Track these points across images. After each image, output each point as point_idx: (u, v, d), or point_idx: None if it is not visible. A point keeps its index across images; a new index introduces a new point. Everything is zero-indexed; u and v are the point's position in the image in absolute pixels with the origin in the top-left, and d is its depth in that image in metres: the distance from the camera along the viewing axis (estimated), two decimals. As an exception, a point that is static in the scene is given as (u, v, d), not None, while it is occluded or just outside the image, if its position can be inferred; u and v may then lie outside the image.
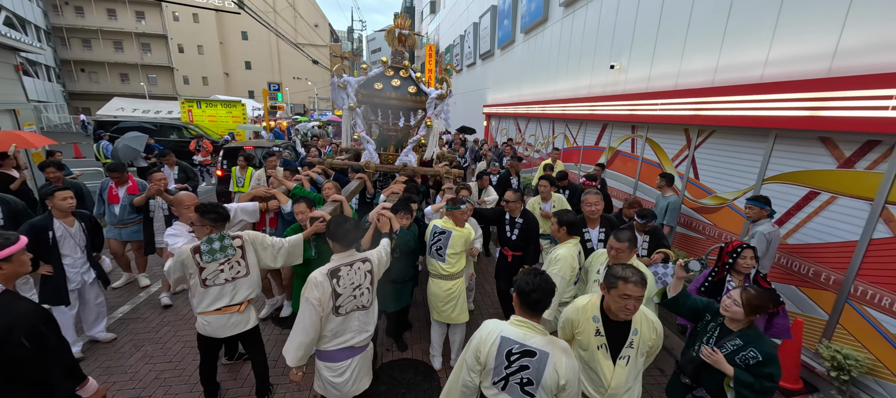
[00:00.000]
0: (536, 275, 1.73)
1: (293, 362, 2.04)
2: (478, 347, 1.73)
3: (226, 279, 2.47)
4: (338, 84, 4.67)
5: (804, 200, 3.47)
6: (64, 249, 3.04)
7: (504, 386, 1.69)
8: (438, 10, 30.36)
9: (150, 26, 33.54)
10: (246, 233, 2.60)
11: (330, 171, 4.75)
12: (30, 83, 24.94)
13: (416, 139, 4.87)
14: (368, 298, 2.22)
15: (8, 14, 23.84)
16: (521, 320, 1.73)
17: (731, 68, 4.26)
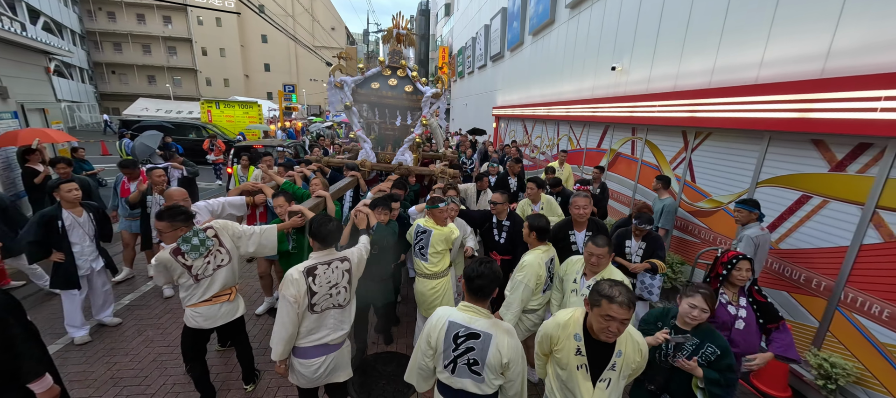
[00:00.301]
0: (482, 264, 1.81)
1: (277, 356, 2.10)
2: (429, 332, 1.81)
3: (214, 268, 2.56)
4: (335, 83, 4.79)
5: (796, 204, 3.39)
6: (73, 238, 3.26)
7: (453, 368, 1.78)
8: (453, 12, 30.50)
9: (176, 30, 35.00)
10: (215, 222, 2.66)
11: (326, 168, 4.86)
12: (65, 84, 26.43)
13: (411, 138, 4.94)
14: (345, 297, 2.23)
15: (46, 19, 25.37)
16: (468, 305, 1.81)
17: (727, 69, 4.20)
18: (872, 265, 2.82)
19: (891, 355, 2.69)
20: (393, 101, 4.94)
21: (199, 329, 2.60)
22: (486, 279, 1.77)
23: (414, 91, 4.94)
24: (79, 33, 30.69)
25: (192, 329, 2.60)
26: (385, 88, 4.92)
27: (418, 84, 4.96)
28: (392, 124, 5.13)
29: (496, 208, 3.54)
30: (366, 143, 4.95)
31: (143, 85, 34.86)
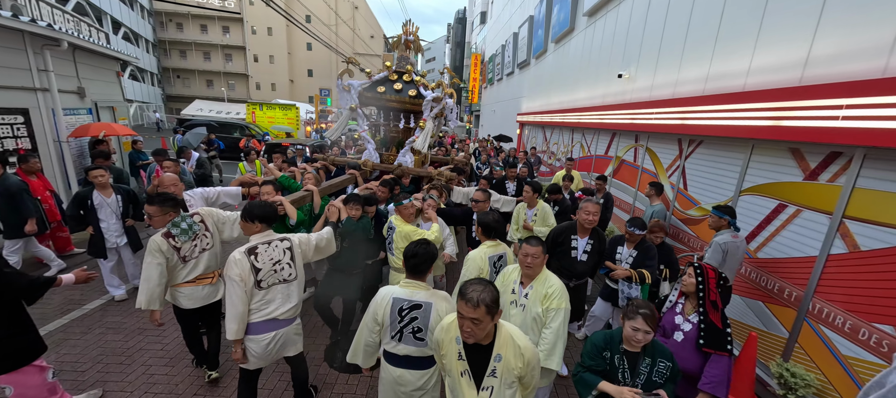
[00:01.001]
0: (418, 245, 2.06)
1: (232, 334, 2.17)
2: (375, 310, 2.00)
3: (201, 250, 2.76)
4: (343, 87, 5.15)
5: (774, 213, 3.35)
6: (101, 215, 3.86)
7: (400, 337, 2.01)
8: (488, 20, 30.90)
9: (233, 39, 38.33)
10: (202, 209, 2.87)
11: (332, 167, 5.25)
12: (138, 86, 29.87)
13: (412, 140, 5.20)
14: (290, 272, 2.34)
15: (126, 30, 28.90)
16: (409, 281, 2.04)
17: (719, 77, 4.17)
18: (838, 276, 2.77)
19: (851, 368, 2.63)
20: (396, 105, 5.24)
21: (184, 309, 2.77)
22: (420, 258, 2.02)
23: (417, 95, 5.18)
24: (151, 42, 34.55)
25: (178, 308, 2.79)
26: (390, 92, 5.18)
27: (421, 88, 5.21)
28: (395, 126, 5.47)
29: (477, 206, 3.61)
30: (369, 143, 5.31)
31: (202, 88, 38.43)
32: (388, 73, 5.37)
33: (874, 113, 2.44)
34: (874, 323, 2.50)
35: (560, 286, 2.24)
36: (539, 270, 2.28)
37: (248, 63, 39.08)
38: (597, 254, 3.23)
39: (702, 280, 2.26)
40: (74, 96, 6.69)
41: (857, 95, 2.53)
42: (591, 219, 3.14)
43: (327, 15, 37.44)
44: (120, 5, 27.50)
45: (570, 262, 3.23)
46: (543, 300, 2.22)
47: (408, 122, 5.51)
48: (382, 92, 5.21)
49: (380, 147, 5.52)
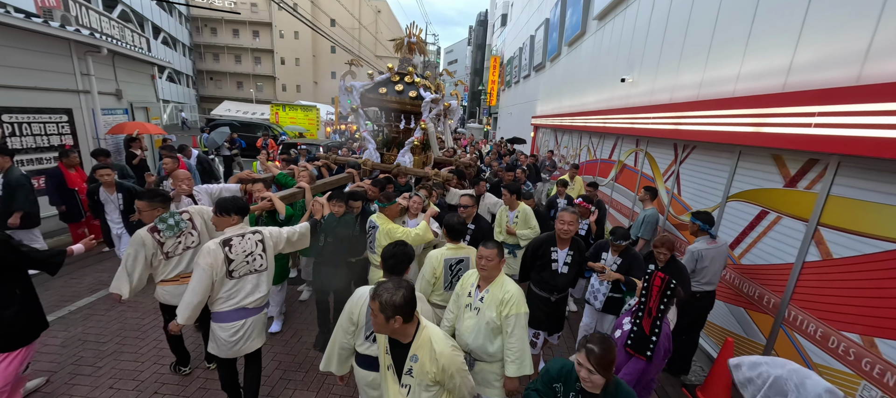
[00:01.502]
0: (396, 246, 2.12)
1: (182, 320, 2.24)
2: (351, 311, 1.99)
3: (184, 248, 2.77)
4: (345, 88, 5.30)
5: (756, 219, 3.33)
6: (107, 209, 4.37)
7: (374, 337, 1.98)
8: (508, 23, 30.89)
9: (262, 43, 40.07)
10: (191, 207, 2.91)
11: (333, 165, 5.46)
12: (174, 88, 31.77)
13: (411, 141, 5.34)
14: (262, 263, 2.43)
15: (165, 35, 30.84)
16: (385, 282, 2.04)
17: (712, 83, 4.15)
18: (812, 283, 2.75)
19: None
20: (396, 106, 5.37)
21: (169, 305, 2.77)
22: (397, 259, 2.06)
23: (417, 96, 5.27)
24: (188, 45, 36.64)
25: (163, 305, 2.83)
26: (392, 93, 5.27)
27: (421, 90, 5.30)
28: (396, 127, 5.63)
29: (465, 211, 3.52)
30: (370, 143, 5.48)
31: (233, 89, 40.35)
32: (390, 75, 5.48)
33: (846, 121, 2.44)
34: (842, 331, 2.49)
35: (517, 291, 2.14)
36: (495, 273, 2.19)
37: (276, 65, 40.73)
38: (577, 265, 3.03)
39: (646, 287, 2.31)
40: (112, 97, 7.34)
41: (828, 103, 2.53)
42: (566, 229, 2.88)
43: (351, 20, 38.49)
44: (160, 12, 29.39)
45: (550, 275, 2.98)
46: (499, 305, 2.12)
47: (408, 123, 5.56)
48: (383, 93, 5.28)
49: (381, 147, 5.63)
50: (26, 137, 5.52)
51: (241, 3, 38.75)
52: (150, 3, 27.33)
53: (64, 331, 3.57)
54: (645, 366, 2.28)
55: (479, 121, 39.35)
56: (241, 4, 38.87)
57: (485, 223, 3.59)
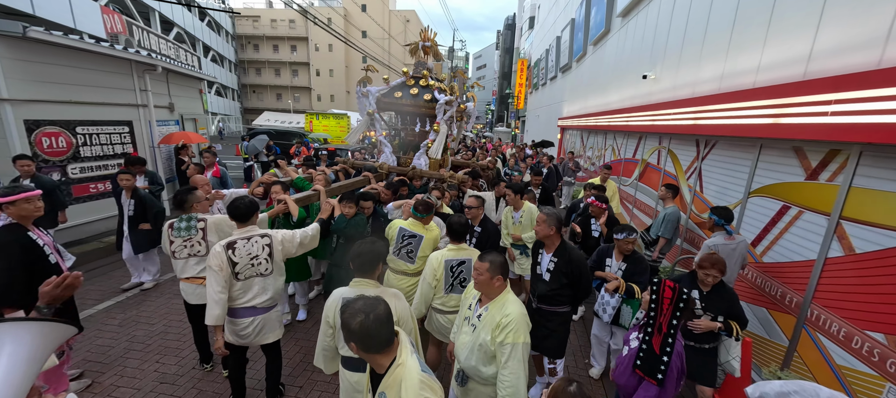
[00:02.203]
0: (363, 244, 2.01)
1: (211, 321, 2.31)
2: (326, 313, 1.98)
3: (188, 254, 2.90)
4: (361, 93, 5.31)
5: (778, 215, 3.18)
6: (124, 213, 4.44)
7: None
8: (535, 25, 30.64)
9: (299, 56, 42.42)
10: (210, 217, 2.97)
11: (351, 169, 5.37)
12: (221, 101, 34.34)
13: (426, 143, 5.36)
14: (267, 267, 2.46)
15: (214, 53, 33.50)
16: (358, 281, 1.99)
17: (733, 75, 4.00)
18: (835, 280, 2.60)
19: (845, 378, 2.46)
20: (411, 109, 5.37)
21: (188, 303, 3.02)
22: (366, 256, 1.97)
23: (432, 99, 5.22)
24: (233, 62, 39.54)
25: (185, 303, 3.04)
26: (407, 97, 5.29)
27: (436, 92, 5.24)
28: (411, 130, 5.70)
29: (470, 213, 3.40)
30: (386, 147, 5.52)
31: (273, 101, 42.94)
32: (405, 79, 5.49)
33: (866, 107, 2.32)
34: (866, 330, 2.35)
35: (518, 316, 1.86)
36: (489, 290, 1.96)
37: (311, 77, 42.89)
38: (563, 276, 2.58)
39: (655, 299, 2.03)
40: (165, 110, 8.17)
41: (847, 90, 2.41)
42: (543, 231, 2.63)
43: (380, 31, 39.82)
44: (210, 32, 32.01)
45: (534, 278, 2.80)
46: (495, 329, 1.87)
47: (423, 126, 5.56)
48: (399, 97, 5.32)
49: (397, 150, 5.68)
50: (95, 147, 6.30)
51: (280, 22, 41.34)
52: (202, 25, 29.86)
53: (121, 313, 4.07)
54: (657, 393, 2.02)
55: (508, 124, 39.13)
56: (281, 23, 41.46)
57: (491, 225, 3.48)
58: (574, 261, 2.58)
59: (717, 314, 2.52)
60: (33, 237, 2.53)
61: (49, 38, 5.31)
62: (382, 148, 5.60)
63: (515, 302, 1.93)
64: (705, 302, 2.55)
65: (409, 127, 5.76)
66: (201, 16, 30.21)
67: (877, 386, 2.26)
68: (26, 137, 5.39)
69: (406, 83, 5.48)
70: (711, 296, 2.56)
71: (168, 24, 24.86)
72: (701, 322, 2.49)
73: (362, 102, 5.47)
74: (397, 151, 5.74)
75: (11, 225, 2.52)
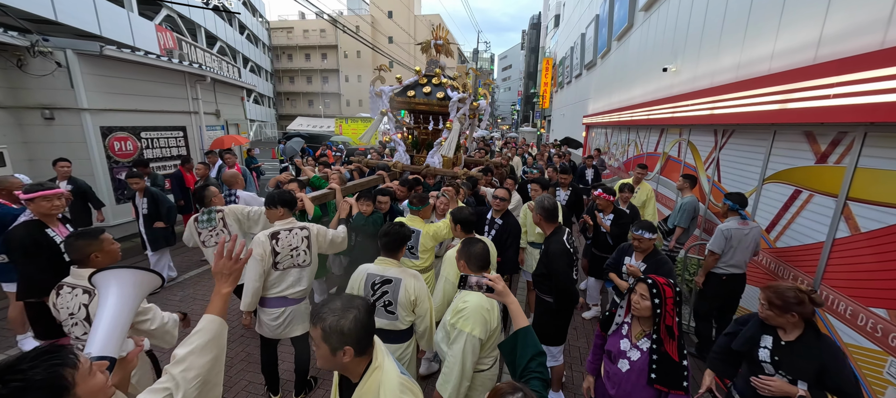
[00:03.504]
0: (392, 226, 2.19)
1: (244, 306, 2.47)
2: (351, 285, 2.14)
3: (215, 242, 3.11)
4: (375, 93, 5.32)
5: (790, 199, 3.21)
6: (139, 213, 4.66)
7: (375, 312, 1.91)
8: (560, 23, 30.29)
9: (329, 64, 44.23)
10: (227, 207, 3.16)
11: (366, 168, 5.44)
12: (258, 108, 36.49)
13: (439, 141, 5.24)
14: (305, 259, 2.55)
15: (252, 64, 35.70)
16: (382, 259, 2.16)
17: (749, 63, 4.02)
18: (842, 261, 2.64)
19: (851, 356, 2.50)
20: (424, 107, 5.31)
21: None
22: (391, 237, 2.14)
23: (444, 97, 5.12)
24: (269, 71, 41.87)
25: None
26: (419, 95, 5.24)
27: (448, 90, 5.16)
28: (425, 129, 5.58)
29: (498, 203, 3.40)
30: (400, 145, 5.50)
31: (304, 107, 45.01)
32: (418, 77, 5.43)
33: (869, 87, 2.37)
34: (870, 307, 2.39)
35: (475, 307, 1.76)
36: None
37: (340, 83, 44.58)
38: (542, 265, 2.63)
39: (659, 302, 1.78)
40: (213, 116, 9.02)
41: (850, 72, 2.47)
42: (535, 219, 2.70)
43: (406, 36, 40.77)
44: (248, 45, 34.16)
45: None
46: (453, 312, 1.83)
47: (436, 124, 5.50)
48: (412, 95, 5.27)
49: (411, 149, 5.62)
50: (155, 149, 7.13)
51: (311, 31, 43.36)
52: (241, 38, 31.94)
53: (181, 291, 4.66)
54: None
55: (533, 124, 38.78)
56: (312, 32, 43.47)
57: (513, 220, 3.48)
58: (549, 252, 2.55)
59: (801, 376, 1.72)
60: (51, 234, 2.62)
61: (121, 55, 6.13)
62: (396, 146, 5.60)
63: (484, 296, 1.73)
64: (781, 356, 1.80)
65: (422, 125, 5.66)
66: (241, 30, 32.33)
67: (880, 360, 2.31)
68: (102, 142, 6.23)
69: (419, 82, 5.41)
70: (795, 348, 1.78)
71: (212, 39, 26.85)
72: (772, 382, 1.77)
73: (375, 102, 5.47)
74: (411, 150, 5.67)
75: (31, 221, 2.63)
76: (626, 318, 1.99)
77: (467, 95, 5.08)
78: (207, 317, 1.27)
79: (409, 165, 5.28)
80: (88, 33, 11.80)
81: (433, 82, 5.37)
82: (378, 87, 5.37)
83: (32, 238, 2.55)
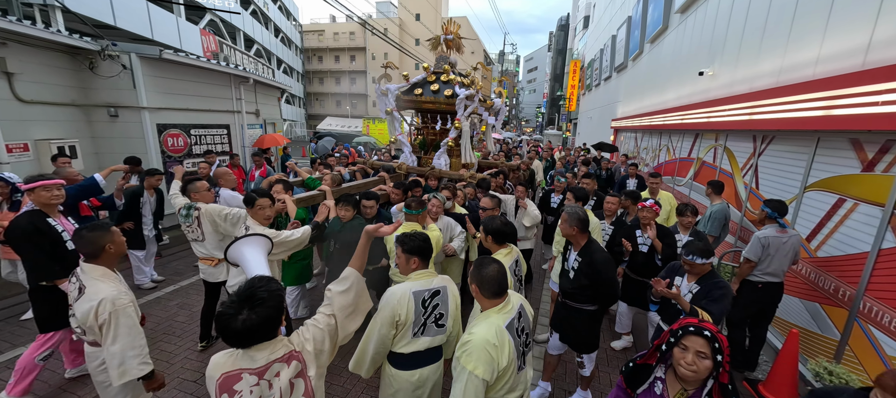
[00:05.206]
0: (416, 234, 2.02)
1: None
2: (395, 310, 1.81)
3: (192, 239, 3.15)
4: (381, 91, 5.09)
5: (833, 208, 3.13)
6: (144, 211, 4.44)
7: (422, 330, 1.87)
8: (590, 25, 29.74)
9: (357, 65, 45.39)
10: (204, 206, 3.05)
11: (369, 170, 5.20)
12: (290, 109, 37.97)
13: (445, 142, 5.04)
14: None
15: (285, 65, 37.21)
16: (419, 272, 1.94)
17: (791, 68, 3.91)
18: (887, 271, 2.57)
19: None
20: (432, 106, 5.04)
21: (205, 280, 3.29)
22: (427, 243, 1.99)
23: (452, 94, 4.84)
24: (300, 73, 43.46)
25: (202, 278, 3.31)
26: (427, 94, 4.98)
27: (456, 87, 4.84)
28: (432, 129, 5.35)
29: (487, 213, 3.25)
30: (406, 147, 5.30)
31: (332, 107, 46.37)
32: (426, 75, 5.19)
33: (921, 96, 2.32)
34: (918, 320, 2.33)
35: (480, 343, 1.55)
36: (477, 298, 1.75)
37: (368, 84, 45.64)
38: (584, 276, 2.49)
39: (720, 358, 1.34)
40: (253, 115, 9.56)
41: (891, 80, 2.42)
42: (565, 229, 2.59)
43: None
44: (283, 47, 35.64)
45: (563, 274, 2.74)
46: (459, 344, 1.62)
47: (444, 124, 5.22)
48: (419, 94, 5.01)
49: (418, 150, 5.37)
50: (202, 146, 7.67)
51: (342, 34, 44.66)
52: (276, 41, 33.38)
53: (177, 298, 4.53)
54: None
55: (559, 127, 38.22)
56: (342, 35, 44.77)
57: (511, 227, 3.38)
58: (595, 263, 2.45)
59: None
60: (52, 223, 2.64)
61: (176, 58, 6.65)
62: (402, 147, 5.39)
63: (493, 328, 1.59)
64: None
65: (429, 125, 5.41)
66: (276, 33, 33.77)
67: (927, 375, 2.24)
68: (157, 138, 6.78)
69: (427, 79, 5.13)
70: None
71: (249, 42, 28.22)
72: None
73: (382, 101, 5.23)
74: (418, 151, 5.43)
75: (33, 210, 2.65)
76: (659, 374, 1.51)
77: (475, 92, 4.77)
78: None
79: (414, 167, 5.06)
80: (142, 37, 12.77)
81: (442, 79, 5.08)
82: (384, 84, 5.15)
83: (35, 226, 2.56)
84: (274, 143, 9.26)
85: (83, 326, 1.86)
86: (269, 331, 1.29)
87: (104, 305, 1.79)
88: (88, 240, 1.92)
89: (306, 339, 1.40)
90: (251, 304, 1.23)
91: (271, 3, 30.71)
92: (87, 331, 1.89)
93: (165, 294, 4.66)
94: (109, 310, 1.80)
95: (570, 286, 2.59)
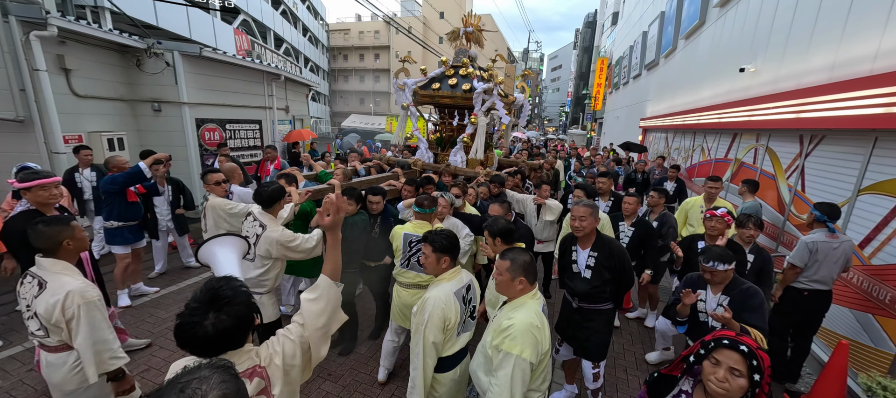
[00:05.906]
0: (448, 232, 1.98)
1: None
2: (444, 314, 1.78)
3: (203, 229, 3.19)
4: (398, 86, 5.01)
5: (892, 213, 2.90)
6: (156, 202, 4.47)
7: (462, 328, 1.90)
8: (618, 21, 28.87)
9: (381, 63, 45.99)
10: (212, 199, 3.07)
11: (385, 166, 5.16)
12: (315, 106, 38.95)
13: (461, 138, 4.92)
14: (252, 253, 2.56)
15: (312, 63, 38.18)
16: (453, 270, 1.92)
17: (846, 64, 3.65)
18: (956, 282, 2.36)
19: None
20: (449, 101, 4.90)
21: None
22: (456, 242, 1.95)
23: (470, 89, 4.67)
24: (326, 71, 44.47)
25: None
26: (445, 88, 4.86)
27: (474, 81, 4.69)
28: (449, 124, 5.21)
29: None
30: (422, 143, 5.19)
31: (356, 105, 47.20)
32: (444, 69, 5.06)
33: None
34: None
35: (523, 327, 1.56)
36: (506, 290, 1.73)
37: (391, 82, 46.21)
38: (606, 270, 2.41)
39: (758, 377, 1.20)
40: (283, 111, 9.88)
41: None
42: (577, 225, 2.46)
43: (457, 35, 41.11)
44: (309, 45, 36.58)
45: (571, 276, 2.60)
46: (496, 332, 1.63)
47: (461, 119, 5.10)
48: (437, 88, 4.90)
49: (434, 146, 5.27)
50: (236, 140, 8.00)
51: (366, 33, 45.39)
52: (304, 40, 34.30)
53: (176, 307, 4.20)
54: None
55: (583, 126, 37.35)
56: (367, 33, 45.49)
57: (525, 228, 3.40)
58: (616, 252, 2.40)
59: None
60: None
61: (216, 56, 6.96)
62: (418, 144, 5.27)
63: (532, 312, 1.62)
64: None
65: (446, 120, 5.27)
66: (303, 32, 34.70)
67: None
68: (195, 131, 7.12)
69: (445, 73, 5.00)
70: None
71: (279, 40, 29.12)
72: None
73: (400, 96, 5.13)
74: (434, 147, 5.32)
75: (29, 210, 2.49)
76: (686, 387, 1.38)
77: (493, 85, 4.60)
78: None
79: (430, 164, 4.97)
80: (181, 36, 13.44)
81: (460, 73, 4.93)
82: (401, 79, 5.06)
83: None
84: (301, 138, 9.53)
85: (47, 324, 1.74)
86: (242, 335, 1.16)
87: (72, 298, 1.71)
88: (45, 235, 1.81)
89: (275, 352, 1.26)
90: (217, 306, 1.09)
91: (300, 3, 31.54)
92: (51, 329, 1.76)
93: (179, 288, 4.66)
94: (78, 302, 1.72)
95: (587, 287, 2.46)
